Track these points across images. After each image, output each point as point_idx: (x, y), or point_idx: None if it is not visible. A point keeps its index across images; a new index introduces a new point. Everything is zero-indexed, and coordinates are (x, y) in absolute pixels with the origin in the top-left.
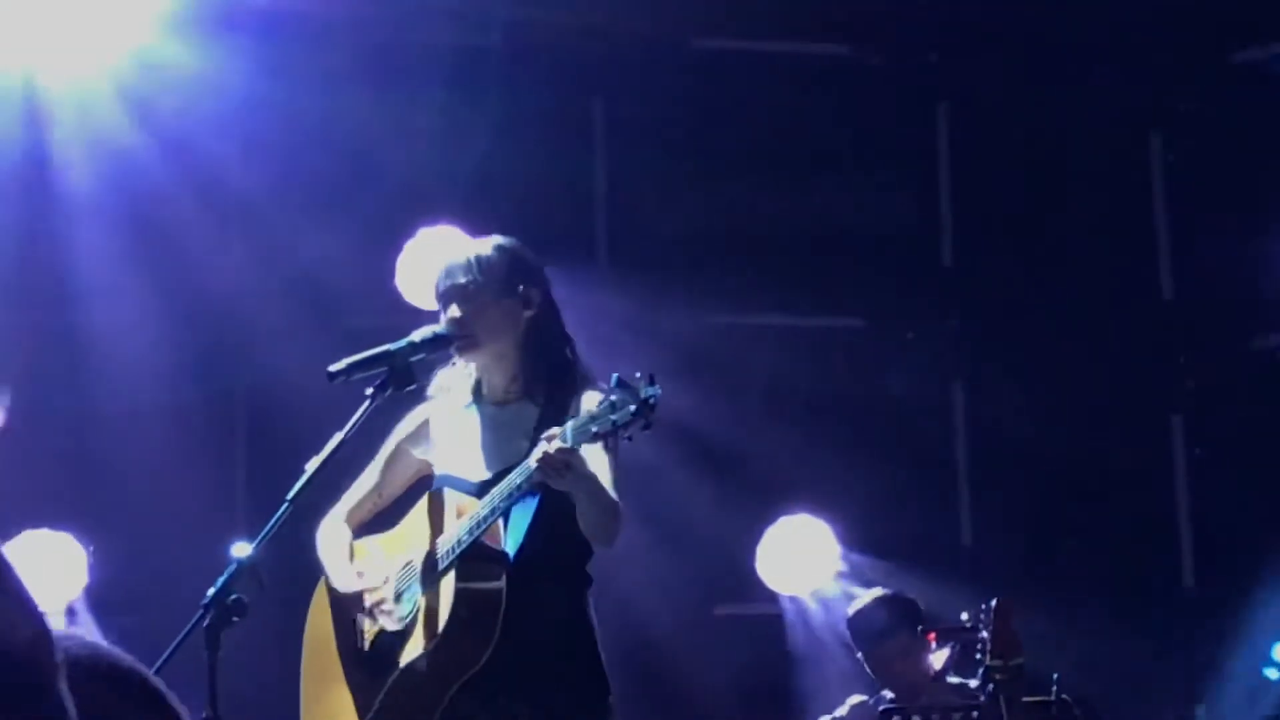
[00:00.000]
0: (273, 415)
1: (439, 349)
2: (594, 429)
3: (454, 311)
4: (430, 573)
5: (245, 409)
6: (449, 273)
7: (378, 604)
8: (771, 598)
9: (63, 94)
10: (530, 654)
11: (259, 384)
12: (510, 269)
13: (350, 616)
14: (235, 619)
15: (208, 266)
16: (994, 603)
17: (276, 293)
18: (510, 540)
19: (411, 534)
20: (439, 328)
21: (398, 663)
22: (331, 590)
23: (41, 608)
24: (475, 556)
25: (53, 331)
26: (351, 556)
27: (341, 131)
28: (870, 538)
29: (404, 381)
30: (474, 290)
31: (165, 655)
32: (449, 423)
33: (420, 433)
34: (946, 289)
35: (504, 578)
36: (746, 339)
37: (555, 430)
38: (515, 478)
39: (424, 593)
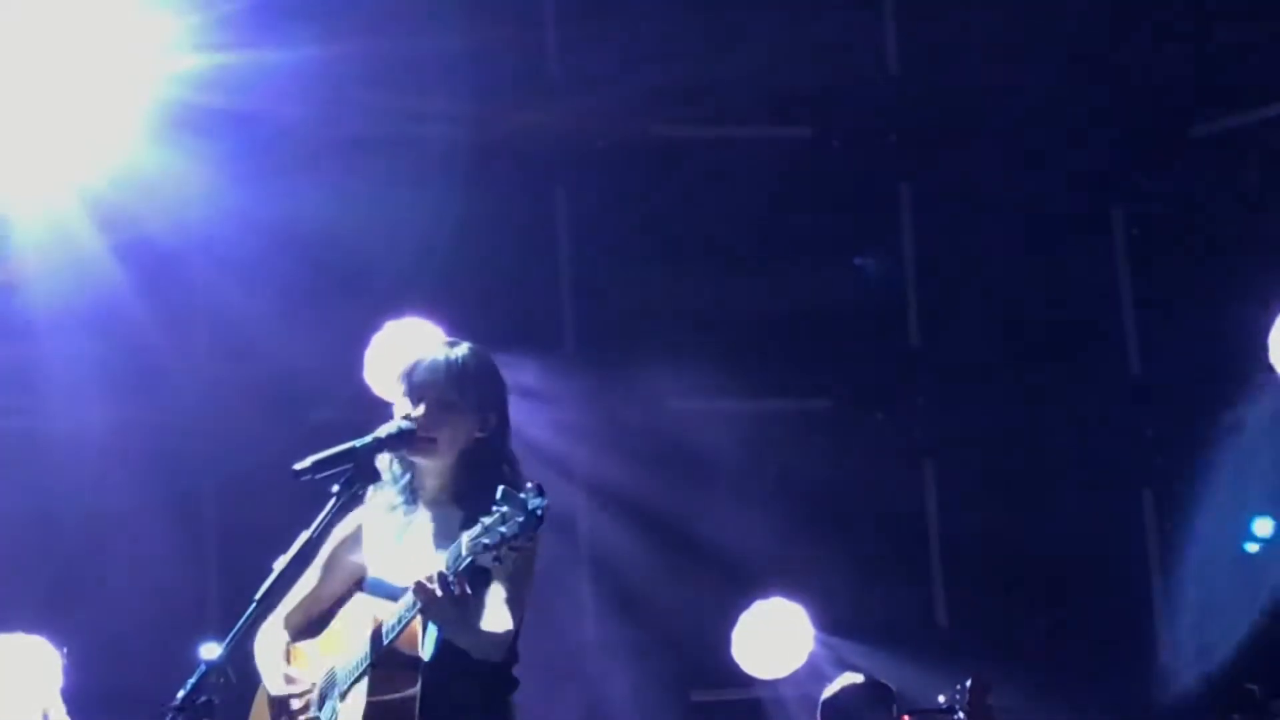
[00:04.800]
0: (243, 512)
1: (404, 446)
2: (485, 540)
3: (421, 411)
4: (346, 680)
5: (215, 507)
6: (432, 371)
7: (303, 708)
8: (748, 683)
9: (27, 201)
10: None
11: (228, 482)
12: (482, 390)
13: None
14: None
15: (173, 367)
16: (969, 682)
17: (243, 390)
18: (427, 643)
19: (336, 638)
20: (404, 424)
21: None
22: (269, 693)
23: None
24: (388, 664)
25: (22, 436)
26: (289, 659)
27: (306, 228)
28: (845, 619)
29: (369, 478)
30: (452, 401)
31: None
32: (380, 525)
33: (355, 536)
34: (914, 369)
35: (418, 684)
36: (715, 423)
37: (436, 567)
38: (409, 597)
39: (341, 700)
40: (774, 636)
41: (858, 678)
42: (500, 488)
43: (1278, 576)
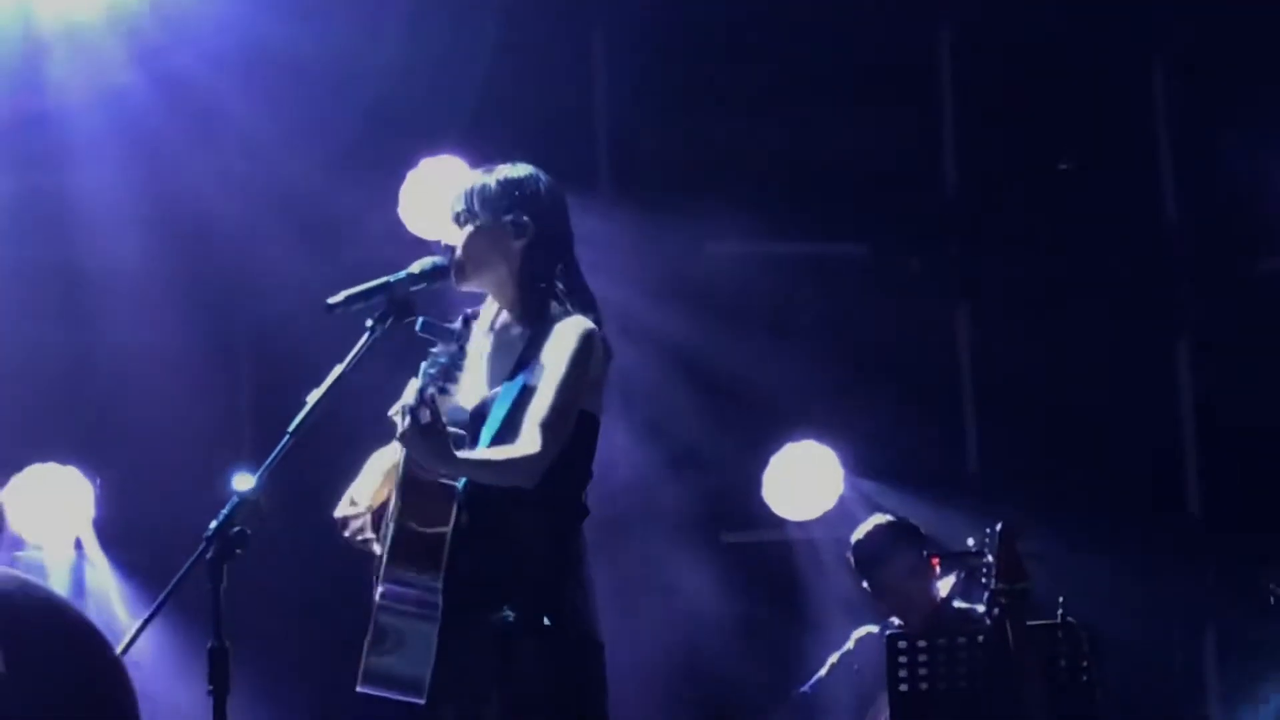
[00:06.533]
0: (277, 346)
1: (439, 280)
2: (431, 370)
3: (448, 239)
4: (394, 506)
5: (249, 341)
6: (457, 197)
7: (359, 529)
8: (778, 524)
9: (60, 30)
10: (488, 577)
11: (263, 316)
12: (503, 198)
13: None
14: (238, 551)
15: (208, 201)
16: (999, 527)
17: (278, 225)
18: None
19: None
20: (438, 258)
21: (375, 585)
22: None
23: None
24: (419, 491)
25: (55, 267)
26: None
27: (341, 64)
28: (876, 463)
29: (404, 313)
30: (464, 219)
31: (169, 587)
32: (470, 357)
33: None
34: (949, 216)
35: (451, 519)
36: (749, 266)
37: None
38: None
39: (389, 523)
40: (805, 479)
41: (886, 518)
42: (420, 319)
43: None
